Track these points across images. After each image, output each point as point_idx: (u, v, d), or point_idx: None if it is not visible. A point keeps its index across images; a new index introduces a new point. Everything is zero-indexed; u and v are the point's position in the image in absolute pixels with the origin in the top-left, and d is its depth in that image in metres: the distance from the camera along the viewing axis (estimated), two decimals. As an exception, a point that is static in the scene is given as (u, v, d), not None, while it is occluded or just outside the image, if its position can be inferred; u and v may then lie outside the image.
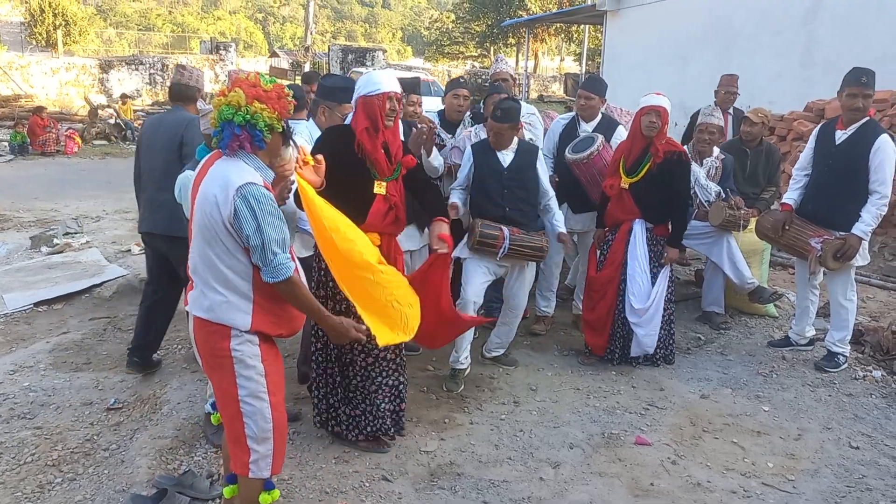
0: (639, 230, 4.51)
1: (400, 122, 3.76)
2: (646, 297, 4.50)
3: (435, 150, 4.43)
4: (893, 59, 8.91)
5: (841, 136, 4.42)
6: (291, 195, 2.98)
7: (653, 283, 4.52)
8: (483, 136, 4.76)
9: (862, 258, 4.43)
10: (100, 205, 9.44)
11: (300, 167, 2.84)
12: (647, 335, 4.52)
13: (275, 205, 2.39)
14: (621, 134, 5.04)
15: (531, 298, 5.29)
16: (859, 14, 9.60)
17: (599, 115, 5.08)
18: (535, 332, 5.16)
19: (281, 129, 2.46)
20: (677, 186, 4.50)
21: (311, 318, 2.59)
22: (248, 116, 2.33)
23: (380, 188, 3.33)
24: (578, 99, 5.12)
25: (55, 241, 7.20)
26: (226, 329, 2.43)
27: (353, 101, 3.40)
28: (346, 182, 3.21)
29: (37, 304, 5.56)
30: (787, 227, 4.60)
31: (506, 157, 4.30)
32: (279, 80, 2.65)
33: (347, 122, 3.45)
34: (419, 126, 4.18)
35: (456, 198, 4.33)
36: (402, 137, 3.66)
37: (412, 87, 4.64)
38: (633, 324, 4.53)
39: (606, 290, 4.59)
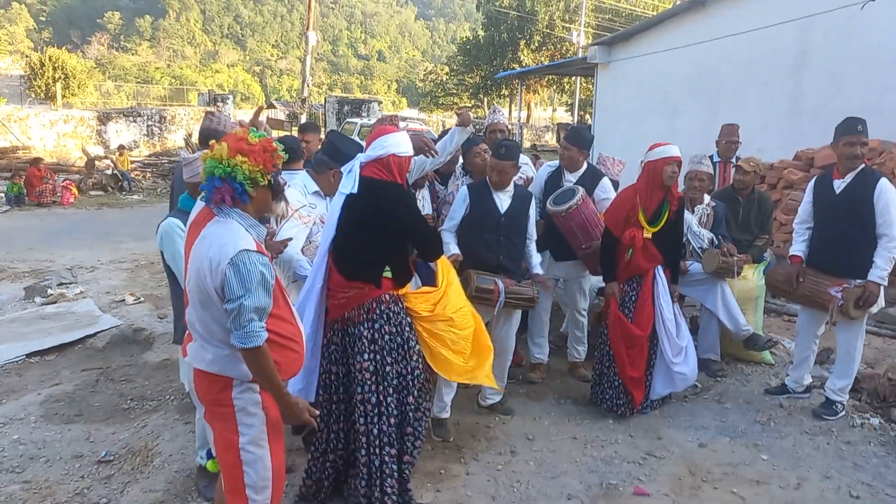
0: (661, 274, 4.55)
1: None
2: (680, 335, 4.56)
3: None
4: (877, 110, 9.08)
5: (840, 184, 4.45)
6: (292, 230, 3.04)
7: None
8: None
9: (877, 304, 4.43)
10: (95, 255, 9.45)
11: None
12: (691, 371, 4.61)
13: (266, 272, 2.36)
14: (605, 186, 5.05)
15: (524, 346, 5.30)
16: (843, 66, 9.84)
17: (584, 166, 5.09)
18: (532, 379, 5.14)
19: (267, 183, 2.44)
20: (681, 229, 4.72)
21: (269, 391, 2.46)
22: (227, 169, 2.34)
23: None
24: (560, 149, 5.19)
25: (49, 291, 7.19)
26: (227, 379, 2.44)
27: (379, 155, 3.33)
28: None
29: (29, 355, 5.52)
30: (801, 280, 4.58)
31: (503, 201, 4.33)
32: (274, 132, 2.68)
33: None
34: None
35: (455, 248, 4.30)
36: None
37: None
38: (675, 365, 4.53)
39: (645, 344, 4.54)
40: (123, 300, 7.11)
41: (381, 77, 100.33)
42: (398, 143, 3.34)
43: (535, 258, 4.56)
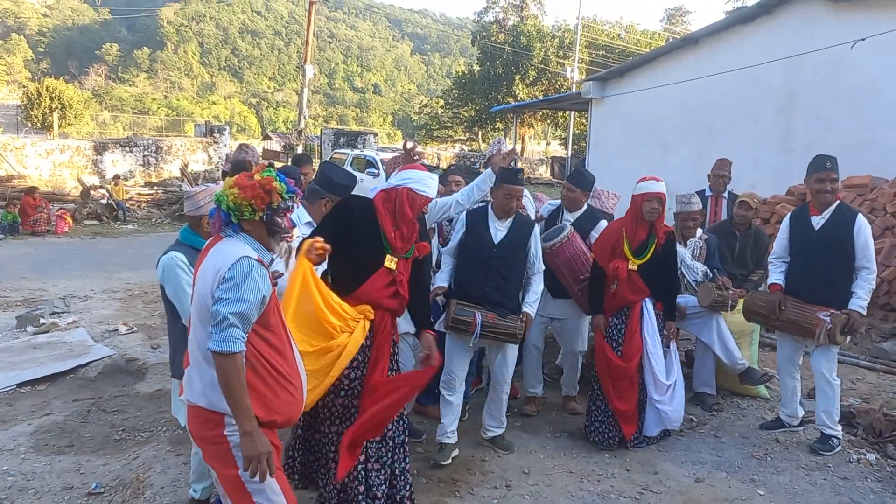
0: (650, 308, 4.57)
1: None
2: (667, 372, 4.56)
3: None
4: (866, 146, 9.25)
5: (818, 220, 4.59)
6: (287, 272, 3.06)
7: (665, 358, 4.60)
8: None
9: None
10: (88, 284, 9.41)
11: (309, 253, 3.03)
12: (674, 411, 4.57)
13: (262, 282, 2.41)
14: (602, 228, 5.06)
15: (519, 378, 5.28)
16: (832, 104, 10.02)
17: (584, 207, 5.15)
18: (527, 412, 5.11)
19: (260, 219, 2.49)
20: (672, 264, 4.69)
21: (234, 411, 2.36)
22: (219, 197, 2.46)
23: (390, 262, 3.41)
24: (563, 189, 5.25)
25: (42, 320, 7.14)
26: (219, 416, 2.42)
27: (395, 184, 3.48)
28: (359, 252, 3.35)
29: (20, 385, 5.47)
30: (783, 307, 4.65)
31: (499, 231, 4.28)
32: (276, 166, 2.73)
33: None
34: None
35: (443, 280, 4.32)
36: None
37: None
38: (657, 402, 4.52)
39: (634, 377, 4.55)
40: (116, 330, 7.06)
41: (377, 110, 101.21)
42: (420, 181, 3.43)
43: (531, 294, 4.40)
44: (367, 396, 3.30)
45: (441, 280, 4.33)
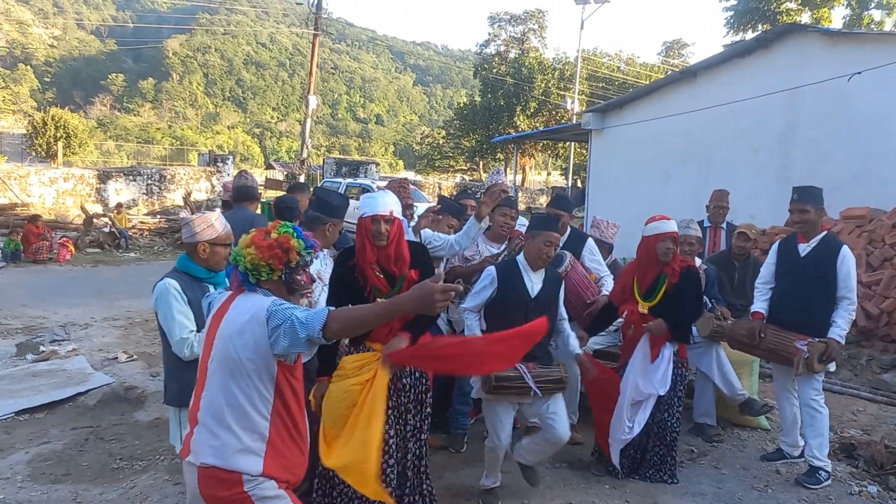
0: (666, 354, 4.42)
1: (407, 233, 4.01)
2: (636, 419, 4.40)
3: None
4: (863, 178, 9.30)
5: (805, 248, 4.69)
6: None
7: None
8: (480, 244, 4.87)
9: (833, 363, 4.57)
10: (88, 312, 9.42)
11: None
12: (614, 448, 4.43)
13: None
14: (591, 247, 5.16)
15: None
16: (830, 136, 10.11)
17: (568, 230, 5.19)
18: (524, 443, 5.07)
19: (279, 278, 2.45)
20: (690, 295, 4.50)
21: (394, 312, 2.33)
22: (235, 257, 2.44)
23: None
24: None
25: (42, 348, 7.14)
26: (236, 475, 2.33)
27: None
28: (354, 300, 3.30)
29: (18, 413, 5.45)
30: (762, 335, 4.72)
31: (534, 284, 4.05)
32: (273, 192, 2.74)
33: None
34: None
35: (476, 328, 4.05)
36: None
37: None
38: (612, 440, 4.44)
39: (614, 391, 4.48)
40: (116, 358, 7.06)
41: (379, 140, 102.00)
42: (363, 205, 3.46)
43: (573, 338, 4.24)
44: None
45: (475, 327, 4.08)
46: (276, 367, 2.35)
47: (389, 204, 3.44)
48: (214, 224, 3.33)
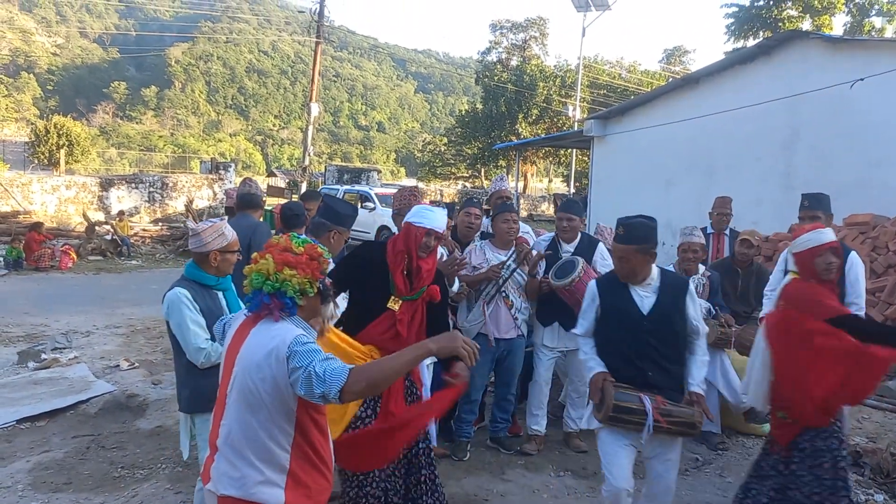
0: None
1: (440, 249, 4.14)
2: None
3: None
4: (865, 184, 9.30)
5: None
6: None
7: None
8: (488, 251, 4.83)
9: None
10: (90, 320, 9.40)
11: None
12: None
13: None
14: (602, 251, 5.09)
15: (522, 416, 5.23)
16: (833, 142, 10.11)
17: (579, 235, 5.15)
18: (527, 451, 5.04)
19: (316, 291, 2.37)
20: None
21: (406, 368, 2.30)
22: (276, 285, 2.28)
23: (394, 304, 3.47)
24: (560, 221, 5.14)
25: (43, 356, 7.12)
26: None
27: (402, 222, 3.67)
28: (367, 295, 3.45)
29: (19, 421, 5.43)
30: None
31: (644, 297, 3.42)
32: (277, 199, 2.70)
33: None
34: (454, 253, 4.40)
35: (599, 365, 3.45)
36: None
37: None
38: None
39: None
40: (118, 366, 7.04)
41: (381, 147, 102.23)
42: (416, 213, 3.59)
43: (698, 369, 3.48)
44: (380, 420, 3.29)
45: (597, 365, 3.47)
46: (297, 403, 2.26)
47: (443, 223, 3.59)
48: (225, 232, 3.37)
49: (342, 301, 3.75)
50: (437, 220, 3.53)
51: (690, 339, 3.48)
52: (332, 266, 4.05)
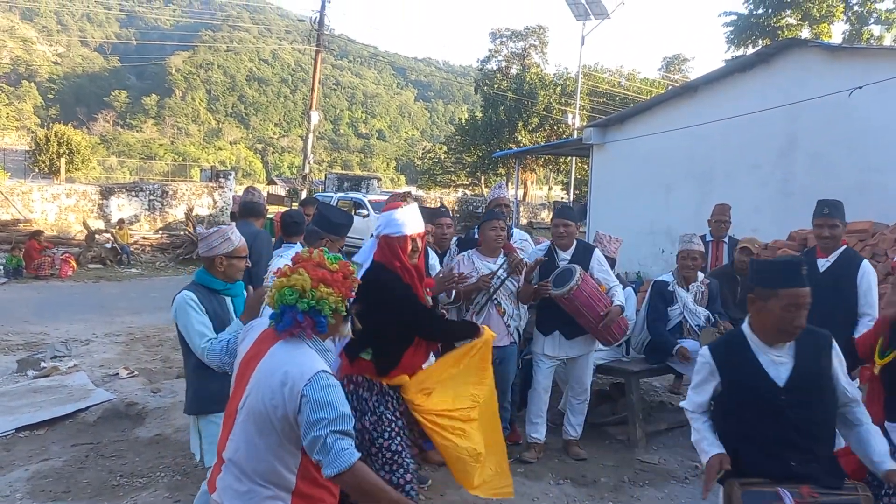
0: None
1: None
2: None
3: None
4: (864, 191, 9.30)
5: (824, 263, 4.58)
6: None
7: None
8: (476, 260, 4.81)
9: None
10: (90, 328, 9.40)
11: None
12: None
13: (342, 394, 2.23)
14: (598, 257, 5.08)
15: (521, 424, 5.22)
16: (831, 149, 10.12)
17: (575, 243, 5.13)
18: (526, 459, 5.02)
19: (345, 311, 2.31)
20: None
21: (380, 501, 2.18)
22: (313, 303, 2.20)
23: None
24: (556, 228, 5.10)
25: (42, 364, 7.12)
26: None
27: (375, 237, 3.50)
28: (399, 328, 3.38)
29: (18, 430, 5.42)
30: None
31: (779, 365, 2.66)
32: (276, 207, 2.70)
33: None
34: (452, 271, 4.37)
35: (707, 433, 2.81)
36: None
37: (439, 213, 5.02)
38: None
39: None
40: (117, 374, 7.04)
41: (381, 155, 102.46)
42: (387, 224, 3.43)
43: (878, 441, 2.68)
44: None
45: (712, 447, 2.75)
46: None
47: (419, 221, 3.53)
48: (231, 237, 3.42)
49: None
50: (411, 221, 3.43)
51: (848, 410, 2.73)
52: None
